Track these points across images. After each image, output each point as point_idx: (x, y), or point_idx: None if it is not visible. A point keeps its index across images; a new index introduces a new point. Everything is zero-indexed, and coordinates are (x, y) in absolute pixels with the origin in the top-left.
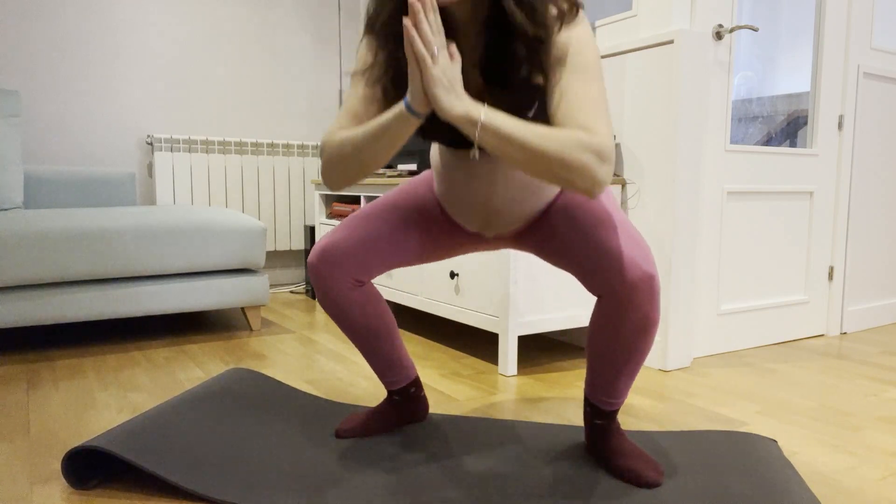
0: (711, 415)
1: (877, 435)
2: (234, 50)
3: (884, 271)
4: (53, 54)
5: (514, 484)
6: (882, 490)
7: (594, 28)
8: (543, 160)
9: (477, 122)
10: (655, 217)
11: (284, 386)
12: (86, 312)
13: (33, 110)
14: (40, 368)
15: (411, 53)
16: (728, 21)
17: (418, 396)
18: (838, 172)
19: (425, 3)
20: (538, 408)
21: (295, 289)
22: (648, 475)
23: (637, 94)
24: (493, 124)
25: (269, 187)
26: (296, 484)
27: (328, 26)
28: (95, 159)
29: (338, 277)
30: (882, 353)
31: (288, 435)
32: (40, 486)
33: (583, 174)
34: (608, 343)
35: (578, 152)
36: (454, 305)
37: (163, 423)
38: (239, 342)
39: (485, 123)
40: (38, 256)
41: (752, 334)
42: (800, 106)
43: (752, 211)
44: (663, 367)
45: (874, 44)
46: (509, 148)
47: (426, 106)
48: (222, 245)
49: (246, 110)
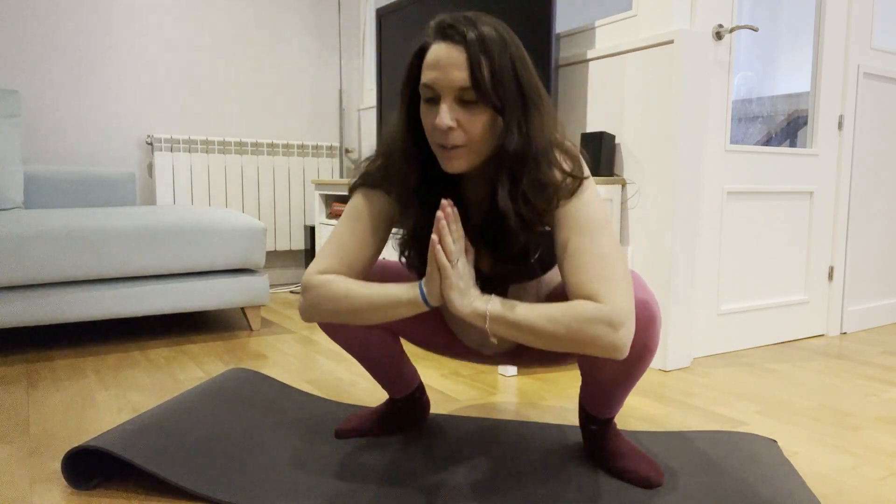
0: (711, 415)
1: (877, 435)
2: (235, 50)
3: (884, 271)
4: (53, 54)
5: (513, 484)
6: (882, 490)
7: (594, 28)
8: (556, 342)
9: (485, 317)
10: (655, 217)
11: (284, 386)
12: (86, 312)
13: (33, 110)
14: (40, 368)
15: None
16: (728, 21)
17: (420, 400)
18: (838, 172)
19: (448, 216)
20: (538, 408)
21: (295, 289)
22: (648, 475)
23: (637, 94)
24: (502, 317)
25: (269, 187)
26: (296, 484)
27: (328, 26)
28: (95, 159)
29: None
30: (882, 353)
31: (288, 435)
32: (40, 486)
33: (598, 346)
34: (601, 369)
35: (588, 327)
36: None
37: (163, 423)
38: (239, 342)
39: (492, 317)
40: (38, 256)
41: (752, 334)
42: (800, 106)
43: (752, 211)
44: (663, 367)
45: (874, 44)
46: (520, 335)
47: (440, 301)
48: (222, 245)
49: (246, 110)
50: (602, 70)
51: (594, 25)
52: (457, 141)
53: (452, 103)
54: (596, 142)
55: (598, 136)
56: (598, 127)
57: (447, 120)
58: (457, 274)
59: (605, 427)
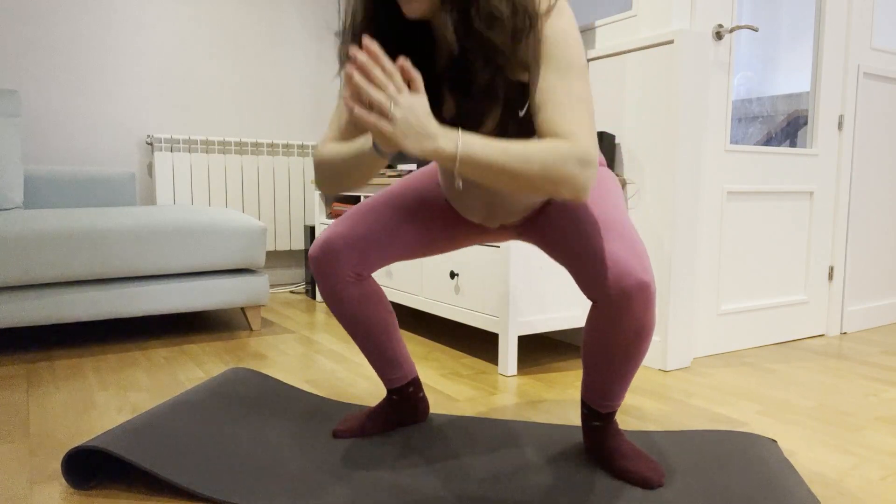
0: (711, 415)
1: (877, 435)
2: (235, 50)
3: (884, 271)
4: (53, 54)
5: (513, 484)
6: (882, 490)
7: (594, 28)
8: (527, 180)
9: (453, 156)
10: (655, 217)
11: (284, 385)
12: (86, 312)
13: (33, 110)
14: (40, 368)
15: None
16: (728, 21)
17: (417, 397)
18: (838, 172)
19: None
20: (538, 408)
21: (295, 289)
22: (648, 475)
23: (637, 94)
24: (469, 155)
25: (269, 187)
26: (296, 484)
27: (329, 26)
28: (95, 159)
29: (339, 270)
30: (882, 353)
31: (288, 435)
32: (40, 486)
33: (567, 184)
34: (603, 349)
35: (561, 165)
36: (454, 305)
37: (163, 423)
38: (239, 342)
39: (462, 158)
40: (38, 256)
41: (752, 334)
42: (800, 106)
43: (752, 211)
44: (663, 367)
45: (874, 44)
46: (491, 175)
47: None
48: (222, 245)
49: (246, 110)
50: (602, 70)
51: (594, 25)
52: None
53: None
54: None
55: (598, 136)
56: (598, 127)
57: None
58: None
59: (607, 424)
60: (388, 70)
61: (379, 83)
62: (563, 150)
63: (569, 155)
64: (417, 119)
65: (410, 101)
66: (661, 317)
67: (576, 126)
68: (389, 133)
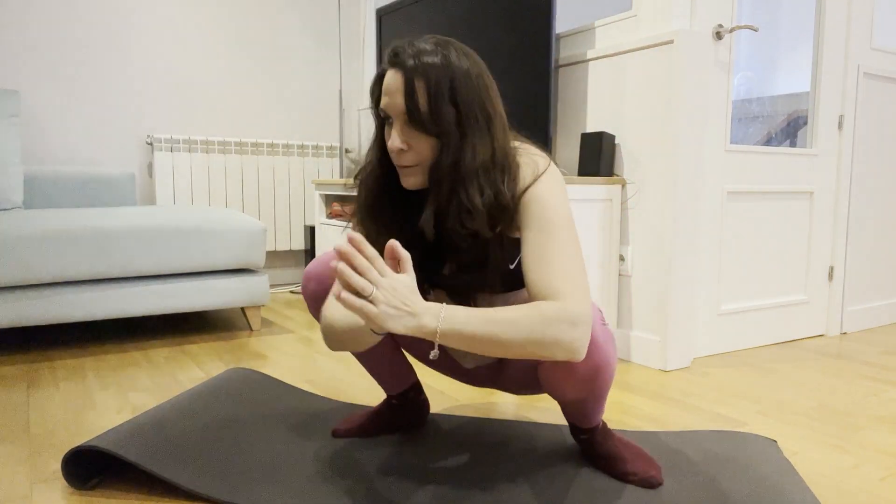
0: (711, 415)
1: (877, 435)
2: (235, 50)
3: (884, 271)
4: (53, 54)
5: (513, 484)
6: (882, 490)
7: (594, 28)
8: (515, 348)
9: (434, 333)
10: (655, 217)
11: (284, 385)
12: (86, 312)
13: (33, 110)
14: (40, 368)
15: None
16: (728, 21)
17: (417, 400)
18: (838, 172)
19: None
20: (538, 408)
21: (295, 289)
22: (648, 475)
23: (637, 94)
24: (454, 330)
25: (269, 187)
26: (296, 484)
27: (328, 26)
28: (95, 159)
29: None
30: (882, 353)
31: (288, 434)
32: (40, 486)
33: (559, 348)
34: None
35: (548, 328)
36: None
37: (163, 424)
38: (239, 342)
39: (443, 333)
40: (38, 256)
41: (753, 334)
42: (800, 106)
43: (752, 211)
44: (663, 367)
45: (874, 44)
46: (477, 345)
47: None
48: (222, 245)
49: (246, 110)
50: (602, 70)
51: (594, 25)
52: (407, 161)
53: (403, 126)
54: (596, 142)
55: (598, 136)
56: (598, 127)
57: (397, 143)
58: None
59: (593, 434)
60: (370, 256)
61: (361, 269)
62: (550, 313)
63: (556, 316)
64: (399, 299)
65: (392, 283)
66: (662, 317)
67: (564, 284)
68: (374, 314)
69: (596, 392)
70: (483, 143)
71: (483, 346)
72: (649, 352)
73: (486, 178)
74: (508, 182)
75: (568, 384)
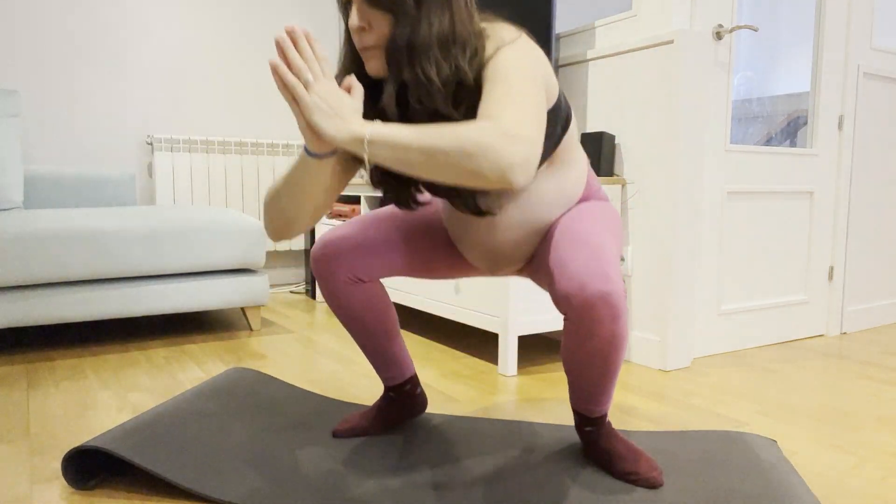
0: (711, 415)
1: (877, 435)
2: (234, 50)
3: (884, 271)
4: (53, 54)
5: (513, 484)
6: (882, 490)
7: (594, 28)
8: (443, 157)
9: (363, 139)
10: (655, 217)
11: (285, 385)
12: (86, 312)
13: (33, 110)
14: (40, 368)
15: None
16: (728, 21)
17: (414, 393)
18: (838, 172)
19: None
20: (538, 408)
21: (295, 289)
22: (648, 476)
23: (637, 94)
24: (383, 138)
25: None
26: (296, 484)
27: (328, 26)
28: (95, 159)
29: (337, 272)
30: (882, 353)
31: (288, 434)
32: (40, 486)
33: (489, 158)
34: (579, 360)
35: (478, 135)
36: (454, 305)
37: (163, 423)
38: (239, 342)
39: (372, 139)
40: (38, 256)
41: (752, 334)
42: (800, 106)
43: (752, 211)
44: (663, 367)
45: (874, 44)
46: (406, 157)
47: (319, 144)
48: (222, 245)
49: (246, 110)
50: (602, 70)
51: (594, 25)
52: (367, 42)
53: (362, 4)
54: (596, 142)
55: (598, 136)
56: (598, 127)
57: (355, 21)
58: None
59: (599, 427)
60: (308, 57)
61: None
62: (482, 124)
63: (489, 127)
64: (330, 103)
65: (330, 86)
66: (662, 316)
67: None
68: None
69: (610, 366)
70: (441, 17)
71: (411, 157)
72: (649, 352)
73: (444, 53)
74: (471, 59)
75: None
